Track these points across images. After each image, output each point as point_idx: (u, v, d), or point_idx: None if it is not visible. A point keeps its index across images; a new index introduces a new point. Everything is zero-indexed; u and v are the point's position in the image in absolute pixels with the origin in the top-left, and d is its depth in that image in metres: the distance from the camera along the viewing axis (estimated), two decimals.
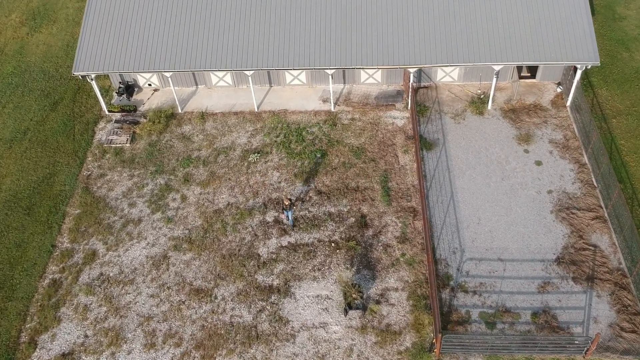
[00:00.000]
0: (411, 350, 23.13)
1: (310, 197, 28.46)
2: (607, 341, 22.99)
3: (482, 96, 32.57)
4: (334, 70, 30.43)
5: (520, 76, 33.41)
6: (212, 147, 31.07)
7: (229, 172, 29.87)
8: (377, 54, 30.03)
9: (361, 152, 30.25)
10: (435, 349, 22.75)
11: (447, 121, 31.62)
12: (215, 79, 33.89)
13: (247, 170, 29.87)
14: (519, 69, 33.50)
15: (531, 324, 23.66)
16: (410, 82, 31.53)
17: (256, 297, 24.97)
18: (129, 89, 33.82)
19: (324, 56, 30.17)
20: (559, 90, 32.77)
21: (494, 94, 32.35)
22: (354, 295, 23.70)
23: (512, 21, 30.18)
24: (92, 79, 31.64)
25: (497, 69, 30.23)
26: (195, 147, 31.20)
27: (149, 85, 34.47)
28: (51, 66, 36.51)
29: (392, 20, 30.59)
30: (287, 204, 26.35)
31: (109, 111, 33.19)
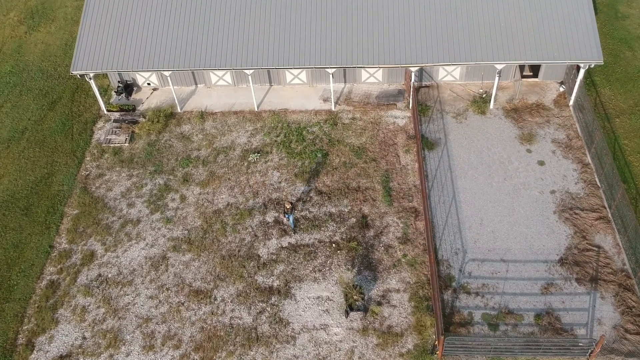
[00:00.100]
0: (413, 352, 22.93)
1: (310, 197, 28.24)
2: (611, 343, 22.80)
3: (484, 95, 32.36)
4: (334, 69, 30.21)
5: (522, 75, 33.19)
6: (212, 147, 30.85)
7: (228, 172, 29.65)
8: (378, 53, 29.81)
9: (362, 152, 30.02)
10: (437, 351, 22.60)
11: (449, 121, 31.40)
12: (214, 78, 33.67)
13: (247, 170, 29.65)
14: (521, 68, 33.29)
15: (534, 325, 23.47)
16: (411, 81, 31.33)
17: (256, 299, 24.78)
18: (127, 88, 33.61)
19: (324, 55, 29.95)
20: (561, 89, 32.55)
21: (496, 93, 32.13)
22: (355, 296, 23.54)
23: (514, 20, 29.96)
24: (90, 78, 31.44)
25: (499, 67, 30.00)
26: (194, 146, 30.98)
27: (148, 84, 34.25)
28: (49, 65, 36.28)
29: (394, 18, 30.38)
30: (288, 207, 26.11)
31: (108, 110, 32.99)
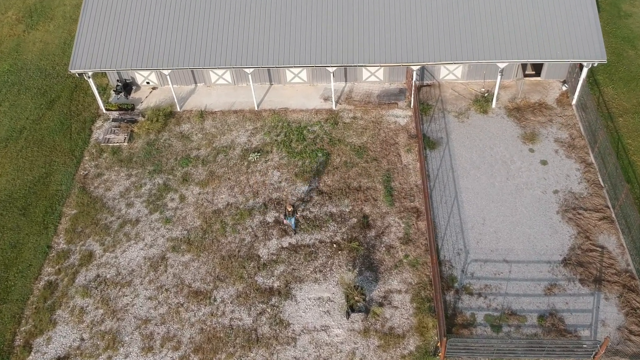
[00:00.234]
0: (415, 354, 22.70)
1: (311, 197, 28.00)
2: (615, 345, 22.57)
3: (486, 94, 32.14)
4: (335, 68, 29.97)
5: (524, 74, 32.96)
6: (212, 146, 30.62)
7: (228, 171, 29.42)
8: (379, 52, 29.58)
9: (363, 152, 29.79)
10: (439, 353, 22.39)
11: (451, 120, 31.17)
12: (214, 76, 33.44)
13: (247, 169, 29.43)
14: (524, 67, 33.07)
15: (538, 327, 23.24)
16: (413, 80, 31.10)
17: (256, 300, 24.55)
18: (127, 87, 33.38)
19: (325, 53, 29.72)
20: (564, 88, 32.31)
21: (498, 92, 31.91)
22: (356, 297, 23.34)
23: (517, 18, 29.73)
24: (89, 77, 31.21)
25: (501, 66, 29.77)
26: (194, 146, 30.75)
27: (147, 83, 34.04)
28: (48, 64, 36.06)
29: (395, 17, 30.14)
30: (289, 210, 25.85)
31: (107, 109, 32.76)
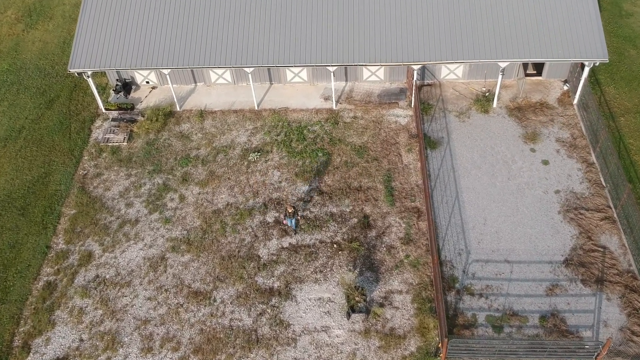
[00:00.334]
0: (416, 354, 22.58)
1: (311, 197, 27.88)
2: (617, 345, 22.44)
3: (487, 94, 32.02)
4: (335, 67, 29.85)
5: (526, 74, 32.85)
6: (211, 146, 30.50)
7: (228, 171, 29.30)
8: (379, 51, 29.46)
9: (364, 151, 29.67)
10: (440, 354, 22.28)
11: (452, 119, 31.05)
12: (214, 76, 33.32)
13: (247, 169, 29.30)
14: (525, 66, 32.96)
15: (539, 327, 23.11)
16: (413, 79, 31.00)
17: (256, 300, 24.42)
18: (126, 87, 33.25)
19: (325, 53, 29.60)
20: (565, 88, 32.19)
21: (499, 92, 31.80)
22: (357, 298, 23.22)
23: (518, 17, 29.60)
24: (88, 76, 31.09)
25: (502, 66, 29.64)
26: (194, 145, 30.63)
27: (147, 82, 33.93)
28: (47, 63, 35.94)
29: (396, 16, 30.02)
30: (290, 211, 25.70)
31: (106, 109, 32.65)
